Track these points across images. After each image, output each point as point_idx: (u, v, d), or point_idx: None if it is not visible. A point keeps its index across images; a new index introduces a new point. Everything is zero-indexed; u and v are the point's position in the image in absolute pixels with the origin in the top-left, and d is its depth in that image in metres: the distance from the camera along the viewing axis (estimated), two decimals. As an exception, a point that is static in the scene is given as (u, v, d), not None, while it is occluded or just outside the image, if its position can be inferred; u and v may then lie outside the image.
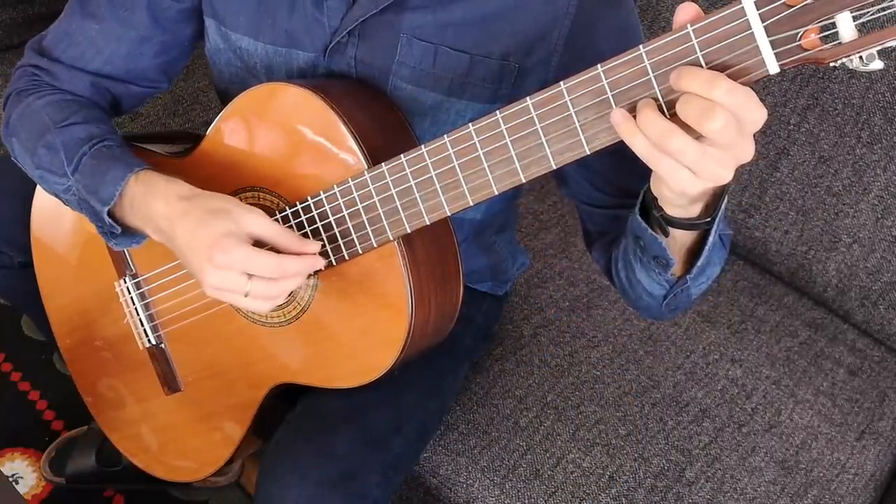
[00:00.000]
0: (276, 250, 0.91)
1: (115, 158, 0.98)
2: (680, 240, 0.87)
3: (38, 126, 1.02)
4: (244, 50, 1.04)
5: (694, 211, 0.82)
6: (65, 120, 1.01)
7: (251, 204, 0.99)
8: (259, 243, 0.91)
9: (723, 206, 0.82)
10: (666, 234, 0.85)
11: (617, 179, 0.99)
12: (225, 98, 1.11)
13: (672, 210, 0.82)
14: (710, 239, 0.85)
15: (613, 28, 0.95)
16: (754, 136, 0.72)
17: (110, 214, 0.98)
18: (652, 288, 0.94)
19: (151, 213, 0.94)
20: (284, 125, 0.96)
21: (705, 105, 0.68)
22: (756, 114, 0.69)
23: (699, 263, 0.88)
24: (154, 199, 0.94)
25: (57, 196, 1.04)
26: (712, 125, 0.68)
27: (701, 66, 0.69)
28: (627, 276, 0.97)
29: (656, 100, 0.72)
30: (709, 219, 0.82)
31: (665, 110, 0.72)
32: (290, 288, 0.93)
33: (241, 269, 0.89)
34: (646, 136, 0.71)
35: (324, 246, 0.95)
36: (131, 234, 1.00)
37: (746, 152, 0.71)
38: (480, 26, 0.95)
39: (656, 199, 0.82)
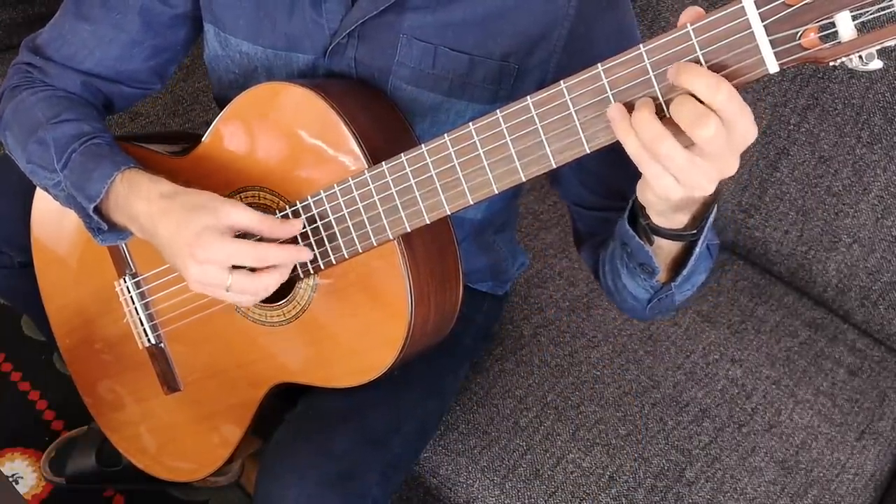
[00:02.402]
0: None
1: (104, 156, 0.98)
2: (666, 248, 0.88)
3: (31, 121, 1.03)
4: (244, 54, 1.04)
5: (678, 221, 0.83)
6: (57, 116, 1.02)
7: (251, 203, 0.99)
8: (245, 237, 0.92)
9: (710, 221, 0.83)
10: (651, 243, 0.87)
11: (608, 181, 0.99)
12: (224, 105, 1.11)
13: (657, 219, 0.83)
14: (696, 250, 0.87)
15: (612, 30, 0.96)
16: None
17: (97, 211, 0.98)
18: (637, 292, 0.95)
19: (134, 212, 0.95)
20: (285, 125, 0.96)
21: (700, 110, 0.68)
22: (748, 126, 0.70)
23: (684, 273, 0.90)
24: (137, 199, 0.95)
25: (47, 191, 1.04)
26: (704, 132, 0.68)
27: (701, 66, 0.69)
28: (613, 280, 0.98)
29: (655, 99, 0.72)
30: (695, 231, 0.84)
31: (665, 109, 0.72)
32: (272, 282, 0.92)
33: (221, 262, 0.89)
34: (638, 137, 0.72)
35: (323, 244, 0.95)
36: (118, 230, 1.00)
37: (731, 167, 0.72)
38: (480, 26, 0.95)
39: (644, 207, 0.83)
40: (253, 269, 0.92)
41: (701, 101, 0.68)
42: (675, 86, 0.70)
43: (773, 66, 0.68)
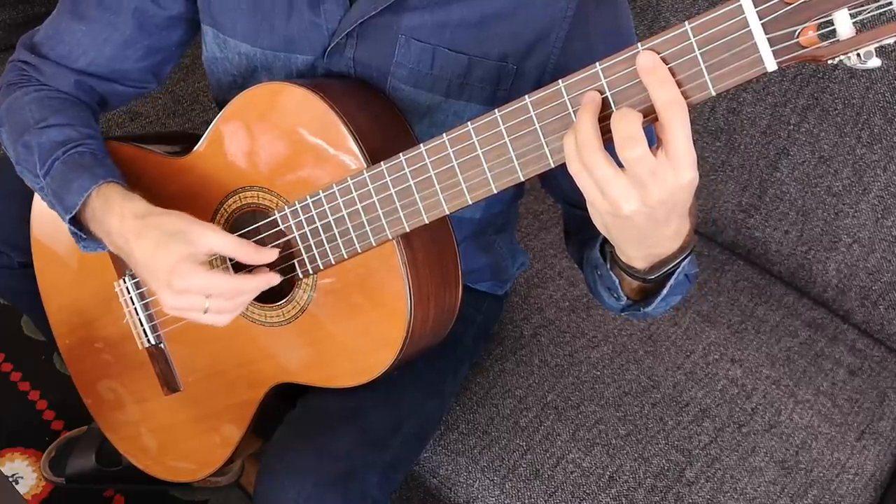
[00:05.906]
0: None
1: (84, 167, 0.99)
2: (628, 279, 0.90)
3: (21, 123, 1.03)
4: (244, 55, 1.05)
5: (630, 259, 0.86)
6: (44, 120, 1.02)
7: (251, 203, 1.00)
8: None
9: (675, 275, 0.86)
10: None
11: None
12: (223, 106, 1.11)
13: (617, 250, 0.86)
14: (664, 291, 0.89)
15: (610, 31, 0.96)
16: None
17: (77, 221, 0.99)
18: (611, 303, 0.98)
19: (108, 229, 0.96)
20: (284, 124, 0.96)
21: (631, 132, 0.69)
22: (664, 188, 0.71)
23: (654, 302, 0.92)
24: (110, 216, 0.95)
25: (35, 192, 1.06)
26: (629, 153, 0.70)
27: (699, 65, 0.69)
28: (592, 285, 1.01)
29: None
30: (651, 277, 0.86)
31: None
32: (245, 302, 0.95)
33: (198, 293, 0.91)
34: (575, 139, 0.73)
35: (322, 245, 0.95)
36: (97, 240, 1.01)
37: (653, 198, 0.72)
38: (479, 27, 0.95)
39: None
40: None
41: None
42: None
43: (771, 65, 0.68)
